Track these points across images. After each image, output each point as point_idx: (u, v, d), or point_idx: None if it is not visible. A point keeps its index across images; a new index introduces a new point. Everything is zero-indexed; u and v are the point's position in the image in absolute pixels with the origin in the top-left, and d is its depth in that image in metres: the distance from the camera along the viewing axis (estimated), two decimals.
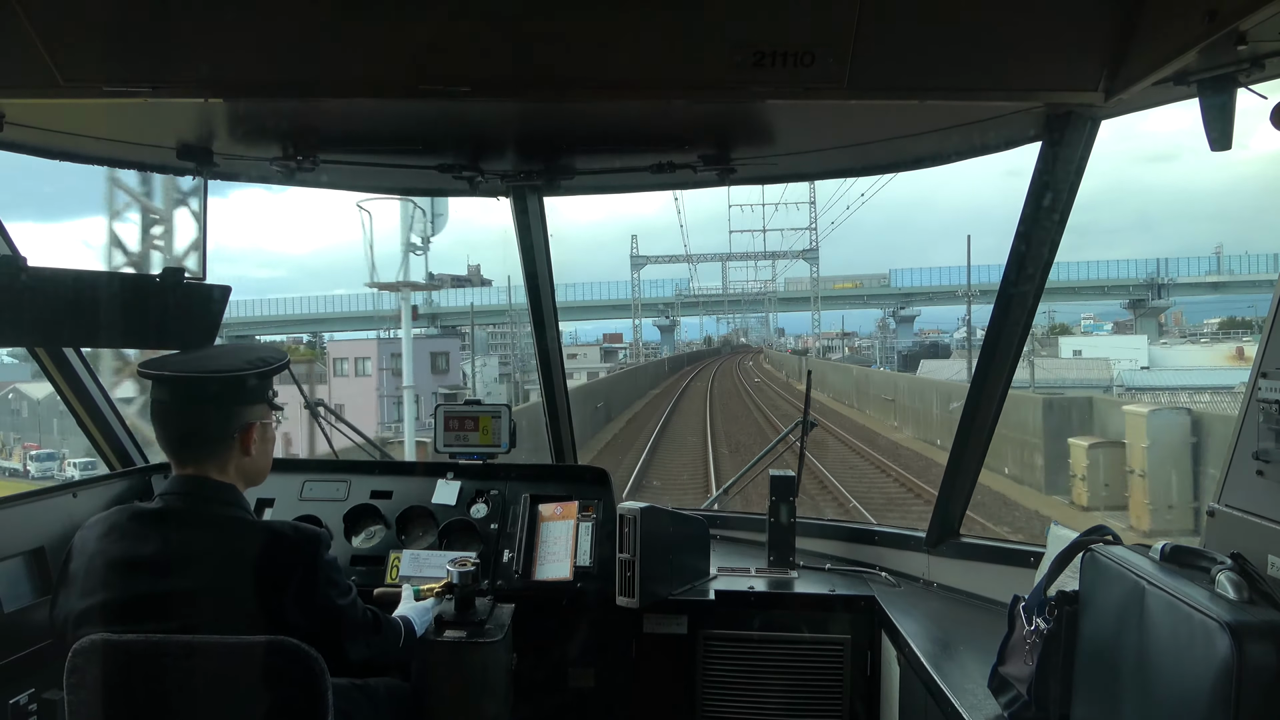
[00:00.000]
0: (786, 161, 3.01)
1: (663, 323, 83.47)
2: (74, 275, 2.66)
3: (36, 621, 2.52)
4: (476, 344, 47.27)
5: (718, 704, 3.04)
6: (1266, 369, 1.79)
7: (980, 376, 2.82)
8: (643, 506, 2.88)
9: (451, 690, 2.59)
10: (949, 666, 2.39)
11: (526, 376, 41.65)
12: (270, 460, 2.25)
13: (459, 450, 3.39)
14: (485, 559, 3.03)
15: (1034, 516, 17.67)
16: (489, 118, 2.60)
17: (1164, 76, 1.86)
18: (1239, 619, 1.41)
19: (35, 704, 2.49)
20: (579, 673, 3.10)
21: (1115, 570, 1.73)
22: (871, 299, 73.28)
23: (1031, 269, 2.59)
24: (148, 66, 2.11)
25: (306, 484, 3.34)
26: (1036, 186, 2.45)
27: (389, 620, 2.36)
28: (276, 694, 1.89)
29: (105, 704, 1.87)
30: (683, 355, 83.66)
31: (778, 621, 3.04)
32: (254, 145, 2.81)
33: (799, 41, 1.96)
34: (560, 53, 2.09)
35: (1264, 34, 1.61)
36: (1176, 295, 66.44)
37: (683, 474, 21.15)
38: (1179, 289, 65.94)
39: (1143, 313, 65.47)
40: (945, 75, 2.09)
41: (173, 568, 1.95)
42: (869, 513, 15.69)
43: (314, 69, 2.14)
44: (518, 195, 3.41)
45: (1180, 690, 1.49)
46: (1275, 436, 1.74)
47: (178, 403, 2.10)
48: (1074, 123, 2.29)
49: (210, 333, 2.92)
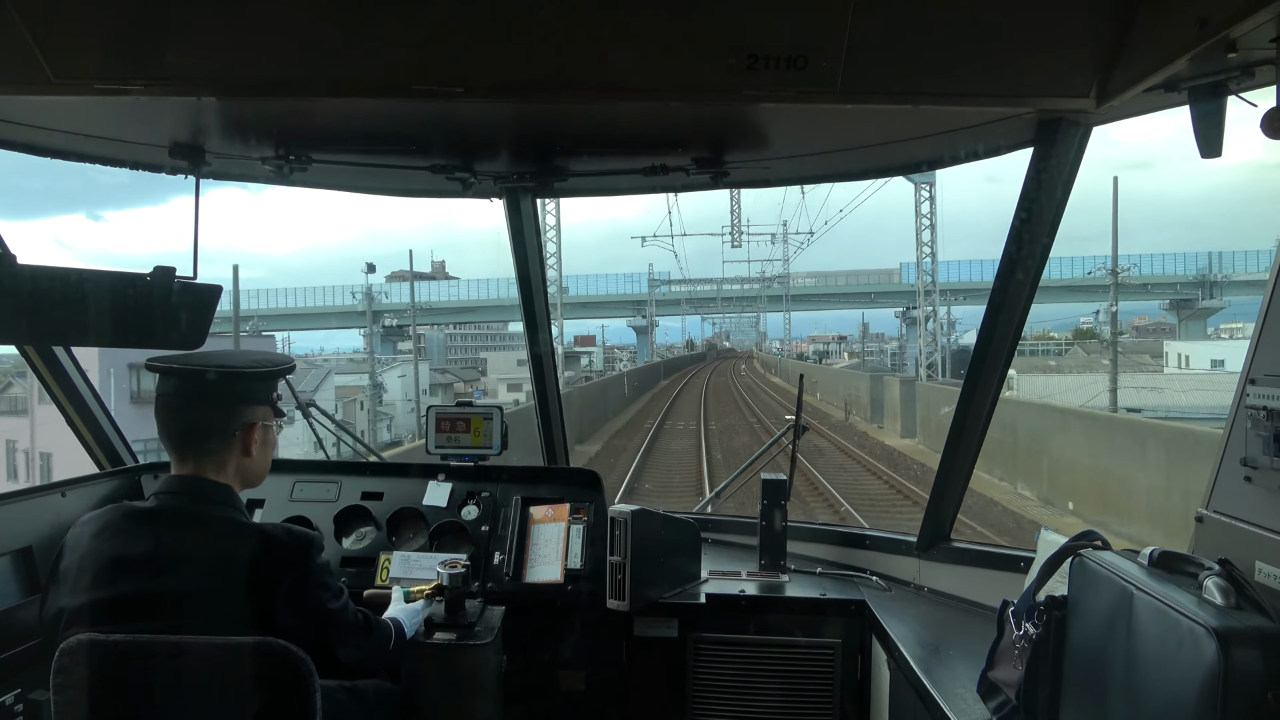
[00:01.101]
0: (779, 165, 3.02)
1: (638, 323, 72.68)
2: (64, 273, 2.65)
3: (23, 621, 2.50)
4: (433, 347, 43.92)
5: (708, 707, 3.04)
6: (1254, 376, 1.80)
7: (971, 382, 2.83)
8: (634, 509, 2.88)
9: (441, 692, 2.58)
10: (939, 671, 2.39)
11: (473, 384, 38.83)
12: (269, 464, 2.25)
13: (450, 452, 3.38)
14: (476, 561, 3.02)
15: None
16: (482, 119, 2.60)
17: (1155, 83, 1.87)
18: (1226, 625, 1.41)
19: (21, 704, 2.48)
20: (569, 675, 3.09)
21: (1104, 575, 1.73)
22: (879, 297, 63.39)
23: (1023, 274, 2.60)
24: (139, 64, 2.11)
25: (297, 484, 3.33)
26: (1028, 192, 2.46)
27: (380, 623, 2.35)
28: (264, 696, 1.89)
29: (92, 704, 1.87)
30: (658, 365, 72.68)
31: (769, 625, 3.04)
32: (246, 144, 2.80)
33: (792, 45, 1.97)
34: (554, 55, 2.10)
35: (1254, 41, 1.62)
36: (1230, 294, 53.29)
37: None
38: (1234, 287, 52.72)
39: (1189, 315, 53.70)
40: (938, 80, 2.10)
41: (165, 567, 1.94)
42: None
43: (307, 68, 2.14)
44: (511, 197, 3.41)
45: (1167, 696, 1.49)
46: (1263, 443, 1.75)
47: (182, 396, 2.10)
48: (1065, 129, 2.30)
49: (200, 332, 2.91)
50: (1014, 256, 2.57)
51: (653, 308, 68.27)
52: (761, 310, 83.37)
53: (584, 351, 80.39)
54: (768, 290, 71.09)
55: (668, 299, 70.53)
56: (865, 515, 16.05)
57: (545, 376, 3.77)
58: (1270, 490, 1.73)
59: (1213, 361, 37.64)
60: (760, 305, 78.14)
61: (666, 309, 73.60)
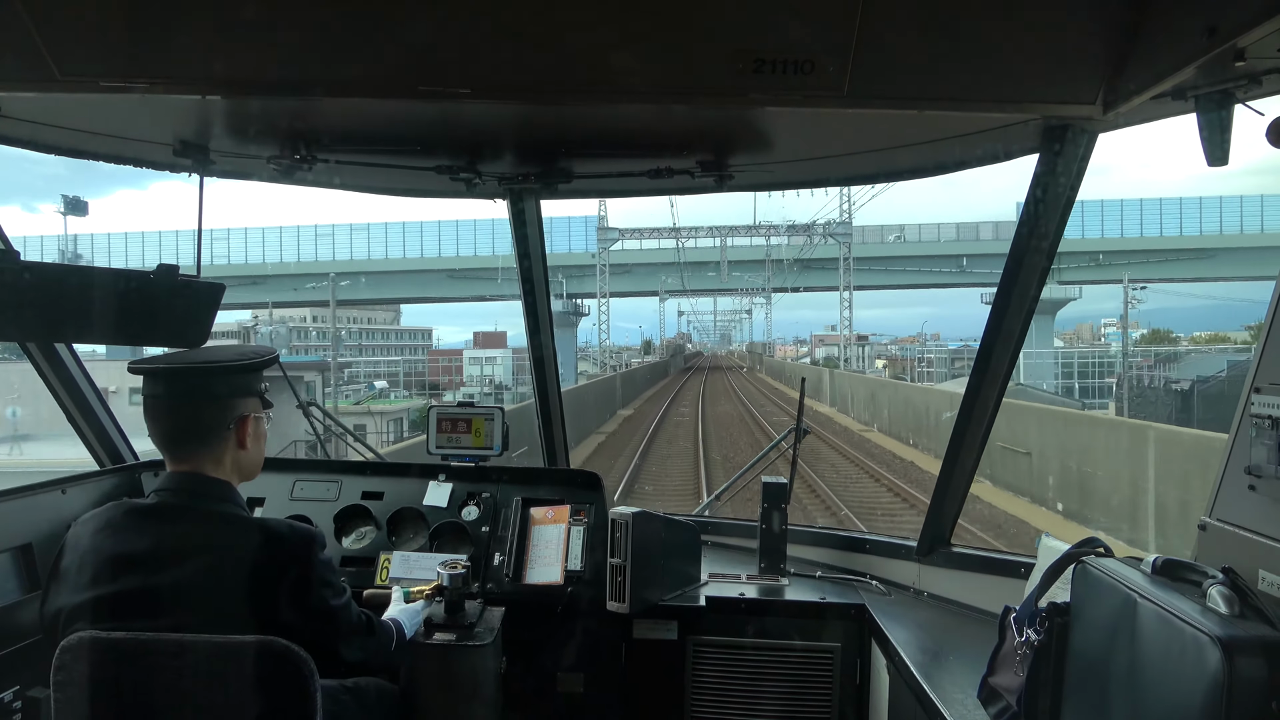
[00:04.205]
0: (784, 169, 3.02)
1: (564, 310, 48.61)
2: (68, 270, 2.65)
3: (22, 619, 2.50)
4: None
5: (707, 710, 3.04)
6: (1260, 384, 1.80)
7: (974, 387, 2.83)
8: (635, 511, 2.88)
9: (440, 693, 2.58)
10: (939, 676, 2.39)
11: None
12: (263, 455, 2.25)
13: (451, 452, 3.38)
14: (476, 562, 3.02)
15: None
16: (487, 120, 2.60)
17: (1162, 91, 1.87)
18: (1230, 633, 1.41)
19: (20, 701, 2.48)
20: (568, 677, 3.09)
21: (1107, 583, 1.73)
22: (973, 261, 46.01)
23: (1026, 280, 2.60)
24: (145, 62, 2.11)
25: (297, 484, 3.33)
26: (1033, 197, 2.46)
27: (382, 623, 2.35)
28: (265, 695, 1.88)
29: (92, 702, 1.86)
30: (586, 390, 33.56)
31: (768, 628, 3.04)
32: (251, 143, 2.80)
33: (799, 49, 1.97)
34: (560, 57, 2.10)
35: (1262, 51, 1.62)
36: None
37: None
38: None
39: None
40: (944, 86, 2.10)
41: (166, 564, 1.94)
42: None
43: (313, 68, 2.14)
44: (514, 198, 3.41)
45: (1170, 704, 1.49)
46: (1267, 452, 1.75)
47: (171, 396, 2.10)
48: (1071, 135, 2.30)
49: (203, 330, 2.91)
50: (1018, 262, 2.57)
51: (605, 285, 44.69)
52: (791, 280, 53.70)
53: (482, 358, 59.14)
54: (808, 250, 47.18)
55: (624, 264, 48.57)
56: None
57: (546, 377, 3.78)
58: (1274, 499, 1.72)
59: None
60: (786, 276, 53.18)
61: (619, 281, 49.65)
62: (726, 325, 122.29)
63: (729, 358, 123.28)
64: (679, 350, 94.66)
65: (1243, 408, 1.85)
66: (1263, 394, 1.78)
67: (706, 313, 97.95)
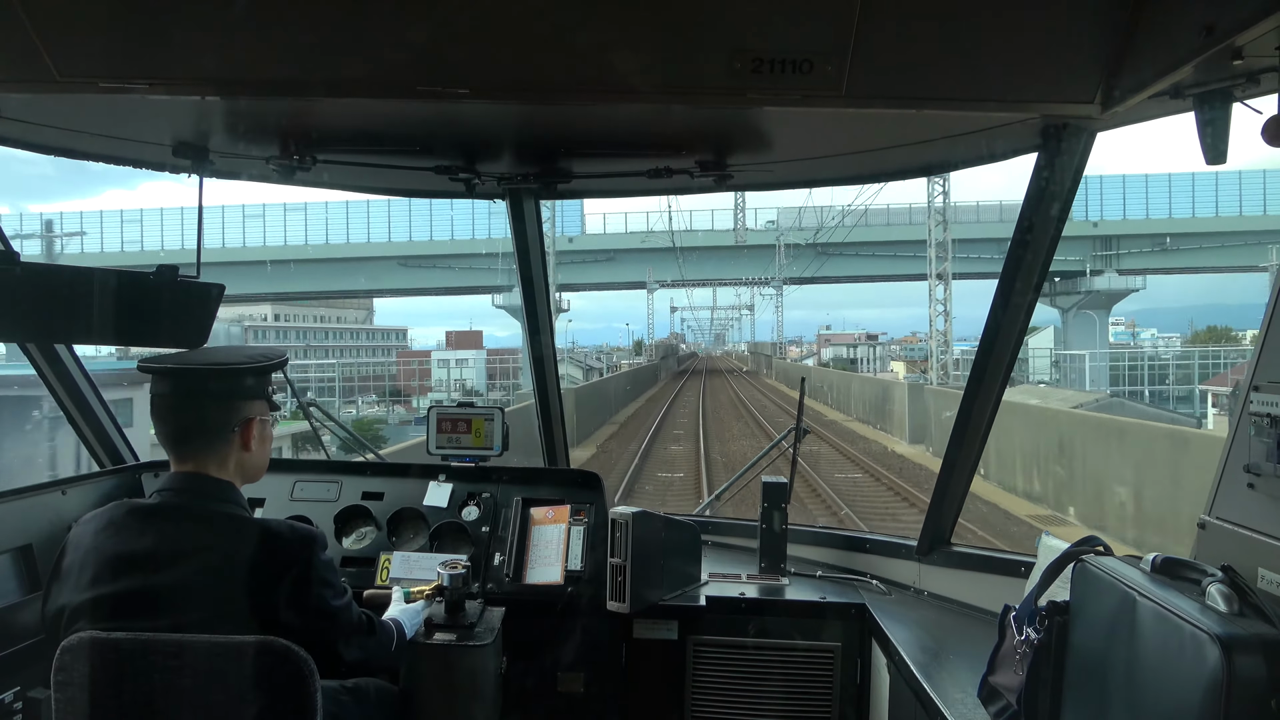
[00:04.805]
0: (783, 168, 3.02)
1: (513, 301, 37.10)
2: (67, 271, 2.65)
3: (22, 619, 2.50)
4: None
5: (707, 710, 3.04)
6: (1259, 383, 1.80)
7: (974, 385, 2.83)
8: (635, 511, 2.88)
9: (440, 693, 2.58)
10: (939, 675, 2.39)
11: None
12: (268, 458, 2.25)
13: (451, 452, 3.38)
14: (476, 562, 3.02)
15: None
16: (486, 120, 2.59)
17: (1160, 90, 1.87)
18: (1229, 631, 1.41)
19: (20, 702, 2.48)
20: (569, 677, 3.08)
21: (1106, 581, 1.73)
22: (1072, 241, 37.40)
23: (1026, 278, 2.60)
24: (144, 63, 2.11)
25: (298, 484, 3.33)
26: (1032, 196, 2.47)
27: (382, 623, 2.35)
28: (265, 695, 1.89)
29: (93, 702, 1.87)
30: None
31: (768, 628, 3.04)
32: (251, 144, 2.80)
33: (798, 49, 1.97)
34: (559, 57, 2.10)
35: (1260, 49, 1.62)
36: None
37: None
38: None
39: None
40: (942, 85, 2.10)
41: (167, 563, 1.94)
42: None
43: (312, 68, 2.14)
44: (514, 198, 3.41)
45: (1170, 702, 1.49)
46: (1266, 450, 1.75)
47: (178, 396, 2.11)
48: (1069, 134, 2.30)
49: (203, 331, 2.91)
50: (1017, 260, 2.57)
51: (555, 273, 34.13)
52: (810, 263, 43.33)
53: (451, 360, 51.87)
54: (832, 233, 38.83)
55: (605, 250, 41.94)
56: None
57: (546, 377, 3.78)
58: (1273, 497, 1.73)
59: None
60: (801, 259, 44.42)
61: (582, 266, 42.34)
62: (722, 325, 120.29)
63: (726, 359, 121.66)
64: (671, 351, 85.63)
65: (1242, 405, 1.85)
66: (1261, 392, 1.79)
67: (703, 307, 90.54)
